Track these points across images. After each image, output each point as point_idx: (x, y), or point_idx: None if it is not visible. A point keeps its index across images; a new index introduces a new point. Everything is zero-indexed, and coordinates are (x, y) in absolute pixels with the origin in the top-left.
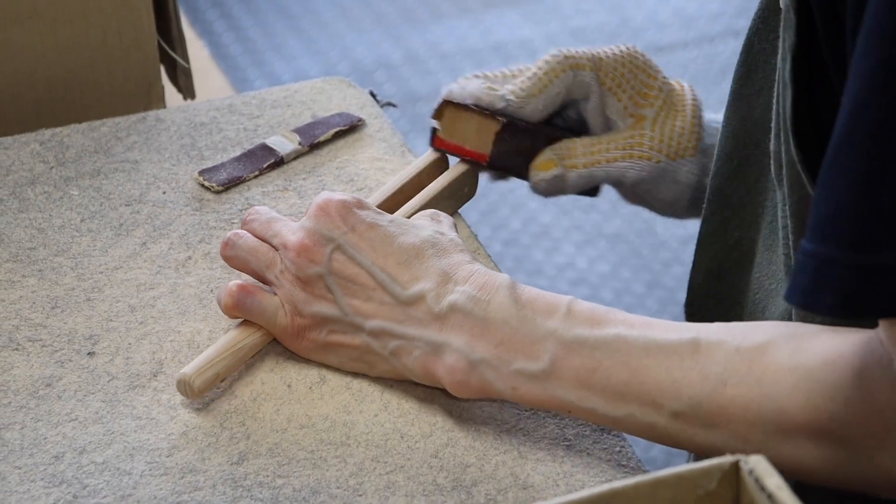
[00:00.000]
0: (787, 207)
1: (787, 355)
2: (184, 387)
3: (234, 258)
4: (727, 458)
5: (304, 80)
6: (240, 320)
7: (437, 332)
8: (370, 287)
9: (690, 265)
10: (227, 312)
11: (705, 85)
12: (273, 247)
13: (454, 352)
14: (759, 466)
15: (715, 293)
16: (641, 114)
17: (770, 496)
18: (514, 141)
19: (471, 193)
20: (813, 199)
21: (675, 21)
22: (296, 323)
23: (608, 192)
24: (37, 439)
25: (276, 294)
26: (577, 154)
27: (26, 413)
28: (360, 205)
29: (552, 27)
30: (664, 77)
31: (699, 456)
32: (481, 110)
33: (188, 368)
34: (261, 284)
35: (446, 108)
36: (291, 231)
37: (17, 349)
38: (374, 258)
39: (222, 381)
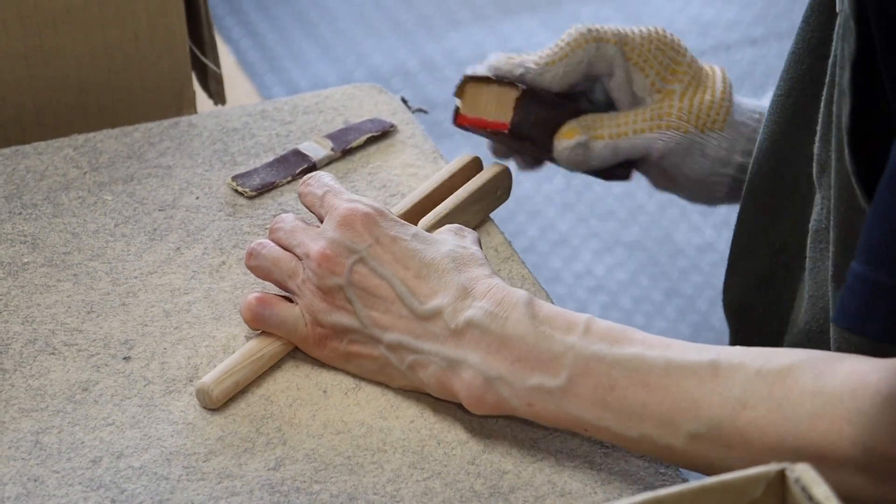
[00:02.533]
0: (827, 212)
1: (811, 380)
2: (203, 396)
3: (257, 268)
4: (773, 466)
5: (322, 86)
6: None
7: (454, 347)
8: (389, 299)
9: (725, 270)
10: (248, 325)
11: None
12: (297, 256)
13: (470, 368)
14: (805, 475)
15: (763, 299)
16: (669, 89)
17: None
18: (534, 109)
19: (504, 196)
20: (866, 220)
21: (692, 29)
22: (316, 332)
23: (627, 199)
24: (74, 443)
25: (297, 304)
26: (602, 125)
27: (63, 417)
28: (384, 216)
29: None
30: (692, 56)
31: None
32: (501, 81)
33: (207, 378)
34: (284, 293)
35: (467, 83)
36: (314, 240)
37: (53, 353)
38: (395, 271)
39: (241, 389)
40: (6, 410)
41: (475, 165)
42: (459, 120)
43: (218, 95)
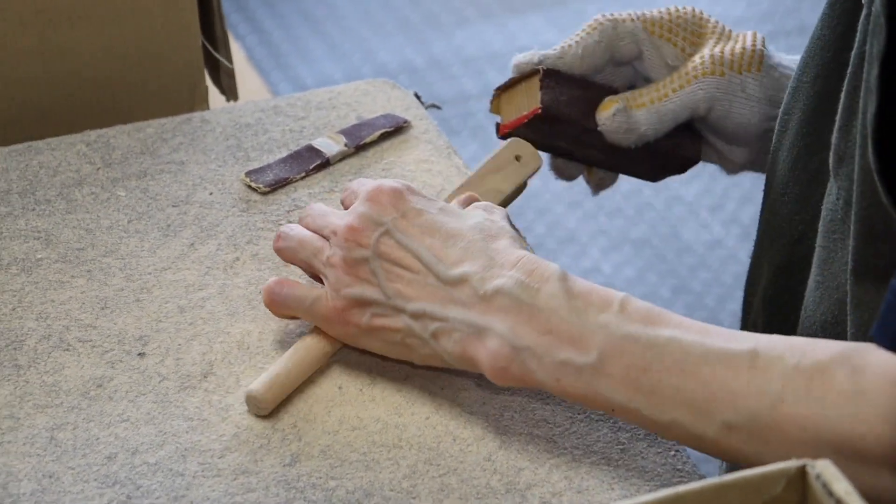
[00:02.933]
0: (844, 203)
1: (847, 377)
2: (254, 402)
3: (284, 249)
4: (793, 463)
5: (328, 83)
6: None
7: (481, 315)
8: (415, 269)
9: (749, 264)
10: (269, 309)
11: None
12: (324, 237)
13: (497, 336)
14: (826, 471)
15: (787, 288)
16: (700, 52)
17: (838, 501)
18: (561, 88)
19: (528, 161)
20: None
21: None
22: (338, 306)
23: (635, 196)
24: (89, 440)
25: (323, 284)
26: (642, 94)
27: (78, 413)
28: (412, 191)
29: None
30: (717, 21)
31: (733, 466)
32: (525, 76)
33: (257, 385)
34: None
35: (499, 96)
36: (341, 218)
37: (67, 350)
38: (421, 241)
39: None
40: (21, 407)
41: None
42: (501, 131)
43: (230, 91)
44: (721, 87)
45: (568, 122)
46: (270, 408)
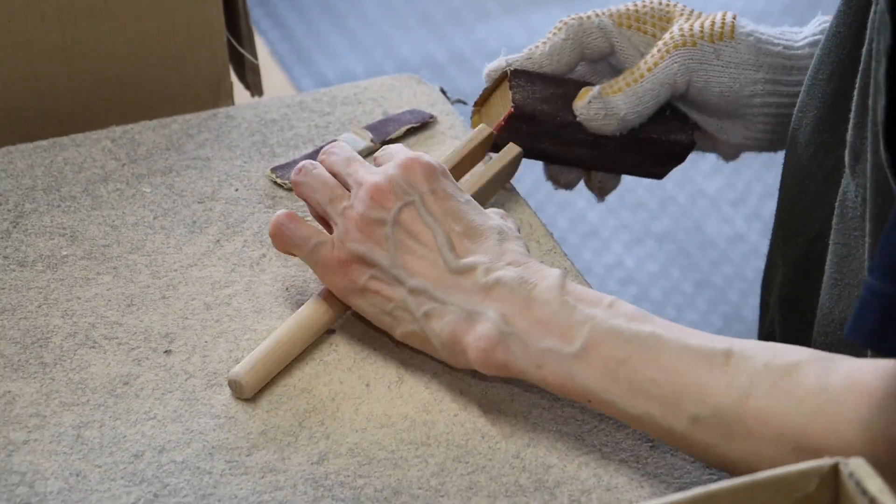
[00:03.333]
0: (862, 200)
1: (815, 377)
2: (235, 386)
3: (303, 184)
4: (826, 461)
5: (350, 78)
6: (287, 320)
7: (478, 302)
8: (429, 246)
9: (765, 258)
10: (272, 240)
11: None
12: (345, 185)
13: (488, 321)
14: (859, 469)
15: (804, 286)
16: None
17: (872, 500)
18: (532, 86)
19: (512, 172)
20: (884, 236)
21: None
22: (339, 257)
23: (658, 190)
24: (116, 438)
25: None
26: (616, 81)
27: (104, 411)
28: (446, 174)
29: None
30: (684, 6)
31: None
32: (496, 83)
33: (239, 367)
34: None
35: (478, 110)
36: (371, 173)
37: (93, 347)
38: (442, 223)
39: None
40: (47, 404)
41: (488, 138)
42: (496, 139)
43: (255, 87)
44: (695, 58)
45: (544, 118)
46: (252, 393)
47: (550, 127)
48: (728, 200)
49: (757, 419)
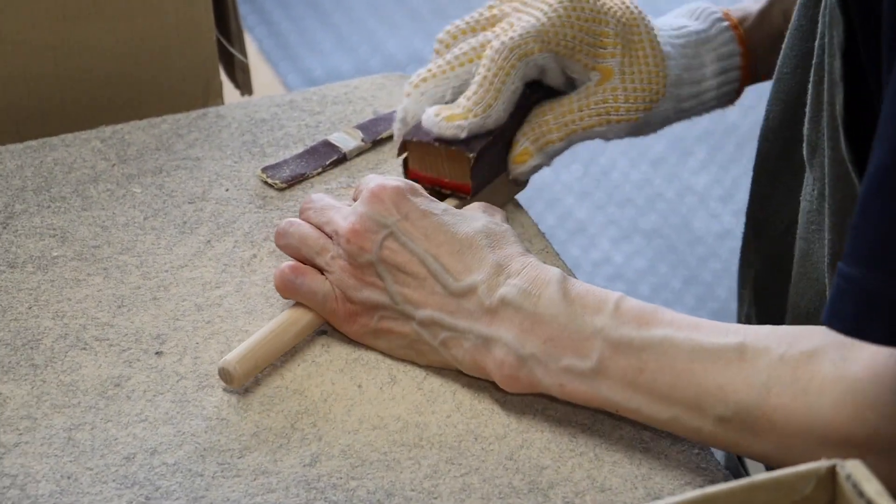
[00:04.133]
0: (819, 195)
1: (834, 365)
2: (226, 375)
3: (286, 247)
4: (824, 463)
5: (337, 75)
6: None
7: (488, 325)
8: (421, 276)
9: (738, 257)
10: (279, 293)
11: None
12: (327, 234)
13: (504, 346)
14: (856, 471)
15: (776, 280)
16: (606, 66)
17: (869, 502)
18: (487, 158)
19: (522, 183)
20: (852, 224)
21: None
22: (346, 308)
23: (646, 186)
24: (107, 440)
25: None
26: (551, 129)
27: (96, 413)
28: (414, 191)
29: None
30: (615, 14)
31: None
32: (447, 145)
33: (230, 356)
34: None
35: (409, 145)
36: (343, 217)
37: (84, 349)
38: (426, 247)
39: (263, 369)
40: (38, 407)
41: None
42: (412, 175)
43: (245, 86)
44: (631, 128)
45: (489, 183)
46: (241, 383)
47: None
48: (716, 196)
49: (780, 414)
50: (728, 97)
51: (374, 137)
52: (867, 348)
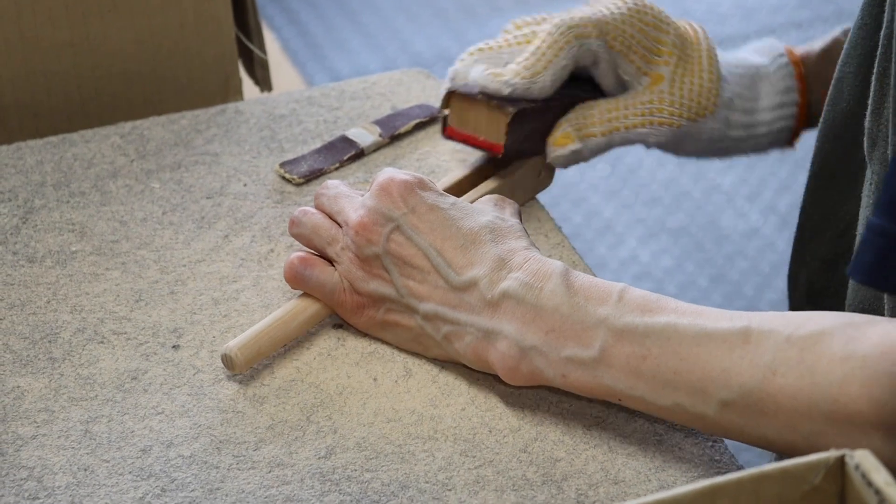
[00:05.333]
0: (877, 188)
1: (842, 345)
2: (228, 361)
3: (298, 236)
4: (832, 453)
5: (364, 74)
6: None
7: (489, 318)
8: (425, 270)
9: (790, 257)
10: (288, 284)
11: None
12: (337, 223)
13: (505, 338)
14: (865, 461)
15: (832, 281)
16: (658, 72)
17: (878, 492)
18: (526, 125)
19: (547, 179)
20: (886, 176)
21: (735, 13)
22: (353, 300)
23: (672, 185)
24: (124, 433)
25: (336, 269)
26: (594, 122)
27: (113, 406)
28: (423, 185)
29: None
30: (676, 28)
31: (781, 457)
32: (488, 99)
33: (232, 343)
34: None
35: (453, 97)
36: (354, 208)
37: (102, 342)
38: (431, 240)
39: (267, 356)
40: (56, 399)
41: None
42: (449, 132)
43: (264, 82)
44: (677, 135)
45: (523, 154)
46: (244, 369)
47: (519, 157)
48: (743, 195)
49: (785, 394)
50: (784, 135)
51: (392, 133)
52: (877, 327)
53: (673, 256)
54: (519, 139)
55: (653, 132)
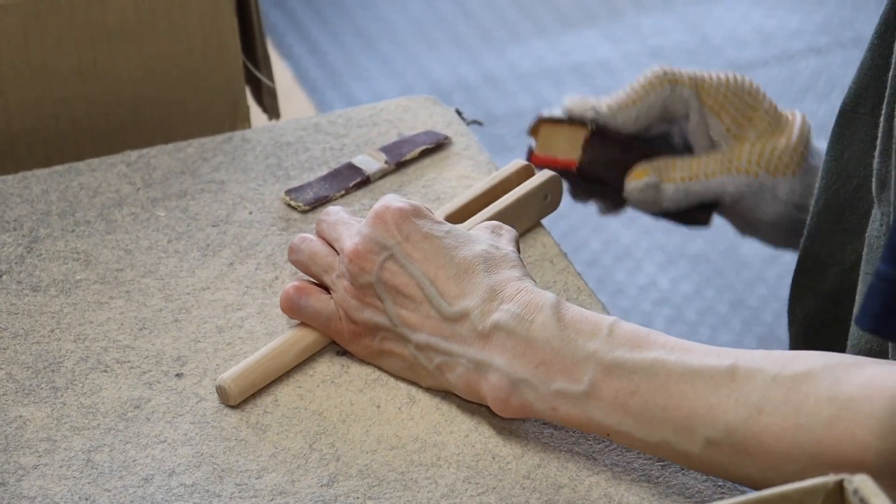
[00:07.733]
0: (886, 228)
1: (828, 386)
2: (222, 392)
3: (297, 262)
4: (832, 478)
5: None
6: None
7: (480, 350)
8: (418, 299)
9: (789, 289)
10: (285, 313)
11: (785, 102)
12: (335, 250)
13: (496, 371)
14: (864, 486)
15: (835, 317)
16: (745, 135)
17: None
18: (603, 149)
19: (553, 203)
20: (893, 224)
21: (754, 38)
22: (349, 328)
23: None
24: (126, 461)
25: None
26: (675, 168)
27: (115, 435)
28: (419, 213)
29: (631, 47)
30: (772, 102)
31: None
32: (573, 121)
33: (227, 374)
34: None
35: (541, 124)
36: (350, 236)
37: (105, 371)
38: (425, 269)
39: (261, 388)
40: (58, 429)
41: (526, 172)
42: (533, 159)
43: (272, 110)
44: (751, 186)
45: (600, 181)
46: (238, 400)
47: (601, 189)
48: None
49: (770, 434)
50: None
51: (398, 160)
52: (864, 370)
53: (692, 282)
54: (596, 161)
55: (731, 179)
